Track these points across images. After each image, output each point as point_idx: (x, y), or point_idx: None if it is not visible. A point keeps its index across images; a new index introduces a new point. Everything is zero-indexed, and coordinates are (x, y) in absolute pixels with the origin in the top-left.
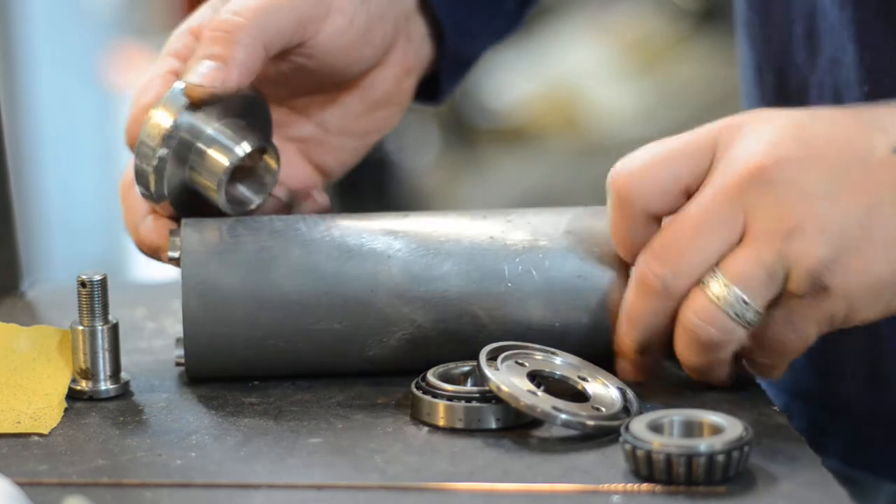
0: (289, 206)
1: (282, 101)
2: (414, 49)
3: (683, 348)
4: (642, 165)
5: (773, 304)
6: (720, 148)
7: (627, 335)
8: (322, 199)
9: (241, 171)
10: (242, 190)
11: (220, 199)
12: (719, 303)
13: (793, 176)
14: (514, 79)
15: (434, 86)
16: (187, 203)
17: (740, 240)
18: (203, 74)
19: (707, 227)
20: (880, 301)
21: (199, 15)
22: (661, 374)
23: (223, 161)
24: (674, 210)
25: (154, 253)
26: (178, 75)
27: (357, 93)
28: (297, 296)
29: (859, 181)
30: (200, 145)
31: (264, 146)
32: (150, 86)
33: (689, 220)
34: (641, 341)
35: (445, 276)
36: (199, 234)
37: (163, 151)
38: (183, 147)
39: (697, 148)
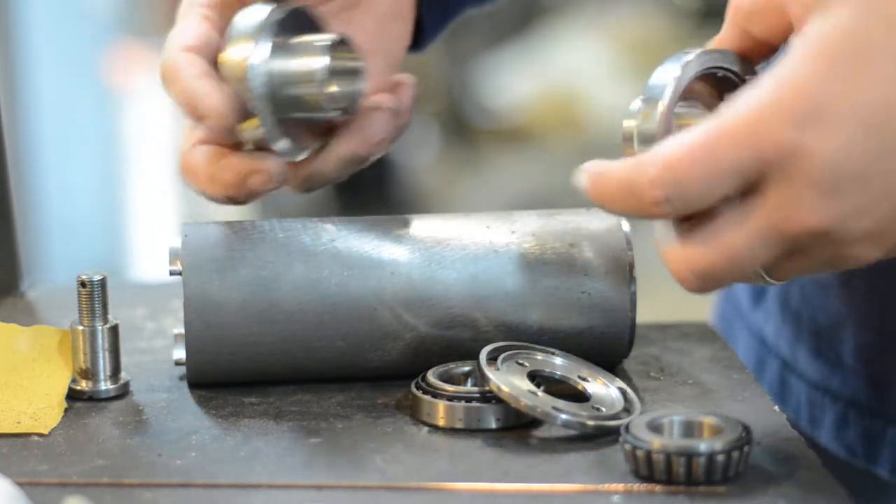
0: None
1: None
2: None
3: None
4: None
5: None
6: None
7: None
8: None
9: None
10: (339, 90)
11: (322, 97)
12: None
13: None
14: (514, 79)
15: (417, 33)
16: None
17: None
18: None
19: (734, 167)
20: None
21: None
22: None
23: (321, 58)
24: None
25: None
26: (210, 21)
27: (365, 8)
28: (300, 315)
29: None
30: (292, 56)
31: (343, 38)
32: (186, 28)
33: (715, 150)
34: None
35: (449, 287)
36: (200, 250)
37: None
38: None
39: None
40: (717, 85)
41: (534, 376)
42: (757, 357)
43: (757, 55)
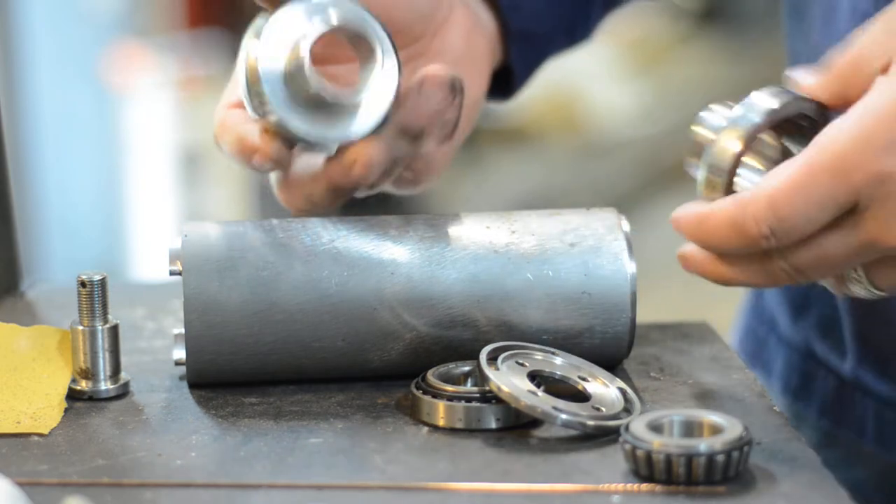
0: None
1: None
2: (471, 9)
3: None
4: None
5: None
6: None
7: (702, 247)
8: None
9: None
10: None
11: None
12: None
13: None
14: None
15: (506, 80)
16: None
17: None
18: None
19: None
20: None
21: None
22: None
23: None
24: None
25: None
26: None
27: (432, 57)
28: (299, 315)
29: None
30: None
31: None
32: (228, 90)
33: (813, 182)
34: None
35: (449, 287)
36: (200, 250)
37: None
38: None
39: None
40: (779, 126)
41: (534, 376)
42: (803, 371)
43: (838, 109)
